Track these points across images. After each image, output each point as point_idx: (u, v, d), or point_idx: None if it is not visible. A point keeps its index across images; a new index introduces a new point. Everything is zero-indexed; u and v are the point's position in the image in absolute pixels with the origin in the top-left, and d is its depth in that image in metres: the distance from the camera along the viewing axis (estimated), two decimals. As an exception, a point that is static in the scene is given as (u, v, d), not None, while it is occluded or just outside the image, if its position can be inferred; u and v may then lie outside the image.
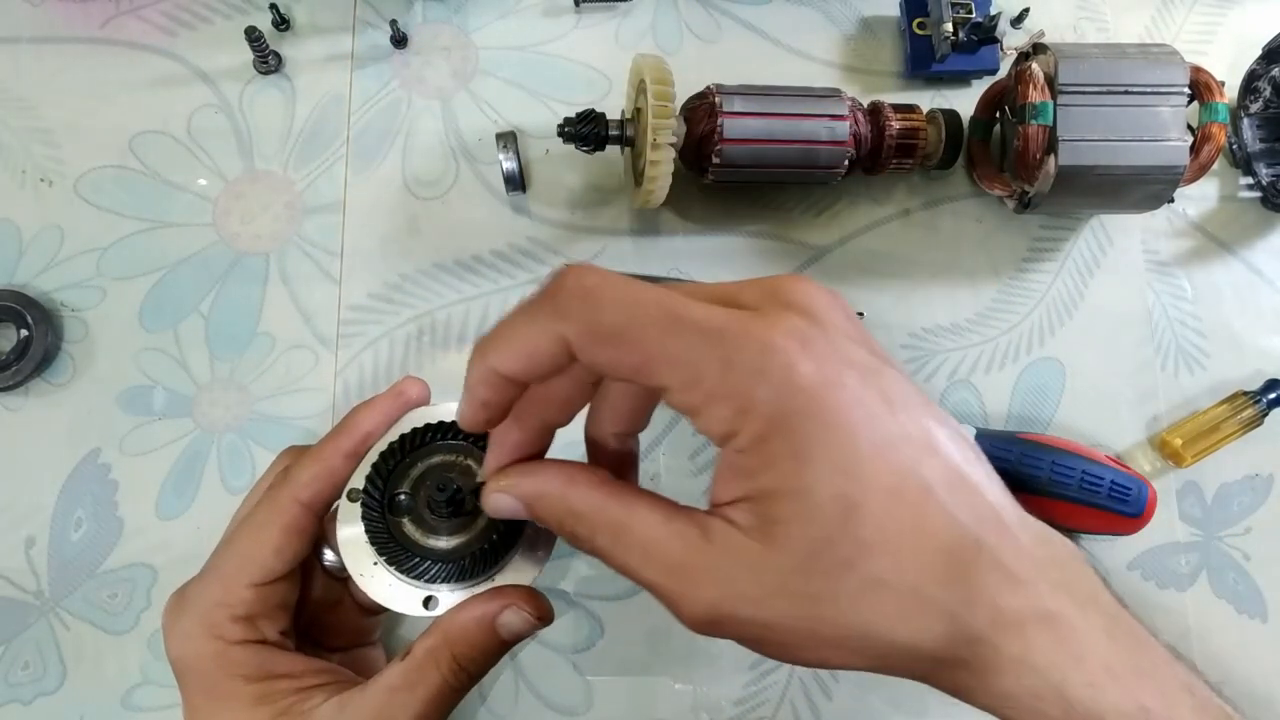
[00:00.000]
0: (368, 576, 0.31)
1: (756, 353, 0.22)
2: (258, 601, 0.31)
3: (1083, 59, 0.43)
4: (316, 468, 0.32)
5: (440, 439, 0.32)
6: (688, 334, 0.23)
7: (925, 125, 0.46)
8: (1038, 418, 0.47)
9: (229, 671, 0.30)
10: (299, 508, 0.32)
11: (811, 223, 0.49)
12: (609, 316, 0.23)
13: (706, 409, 0.23)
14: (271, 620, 0.31)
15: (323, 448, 0.32)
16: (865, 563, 0.23)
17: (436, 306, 0.46)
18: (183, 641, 0.31)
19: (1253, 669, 0.45)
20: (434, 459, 0.32)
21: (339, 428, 0.33)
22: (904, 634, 0.23)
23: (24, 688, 0.41)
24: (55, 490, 0.43)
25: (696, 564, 0.24)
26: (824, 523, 0.23)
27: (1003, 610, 0.23)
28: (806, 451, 0.22)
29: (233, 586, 0.31)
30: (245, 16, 0.48)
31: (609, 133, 0.43)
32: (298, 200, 0.47)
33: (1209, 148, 0.44)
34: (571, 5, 0.50)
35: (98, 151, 0.47)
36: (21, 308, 0.43)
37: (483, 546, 0.30)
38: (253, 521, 0.32)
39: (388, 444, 0.32)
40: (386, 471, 0.31)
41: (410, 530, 0.31)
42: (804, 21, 0.51)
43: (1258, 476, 0.47)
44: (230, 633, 0.30)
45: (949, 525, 0.23)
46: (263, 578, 0.31)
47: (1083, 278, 0.49)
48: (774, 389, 0.22)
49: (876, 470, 0.23)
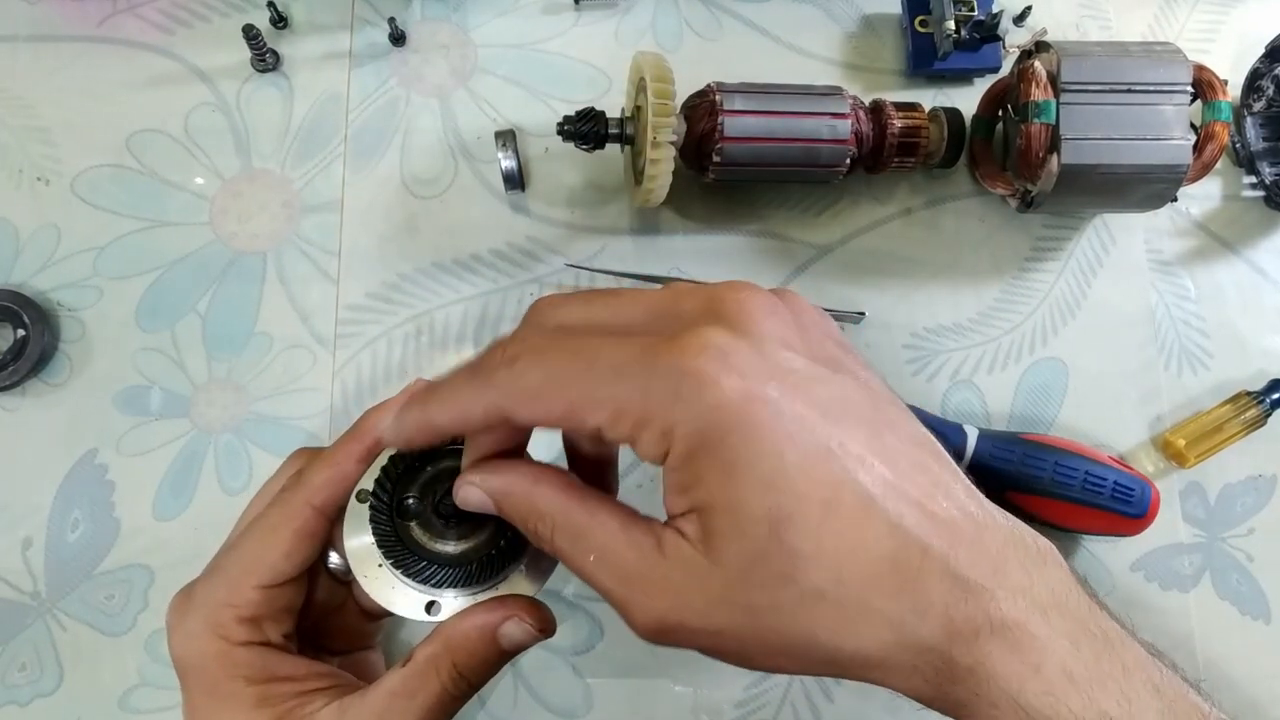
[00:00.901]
0: (372, 578, 0.31)
1: (671, 378, 0.23)
2: (264, 604, 0.31)
3: (1085, 57, 0.43)
4: (329, 471, 0.32)
5: (450, 444, 0.32)
6: (603, 376, 0.24)
7: (927, 124, 0.46)
8: (1040, 418, 0.47)
9: (231, 672, 0.30)
10: (311, 511, 0.31)
11: (813, 222, 0.48)
12: (528, 379, 0.25)
13: (638, 438, 0.24)
14: (276, 623, 0.31)
15: (335, 451, 0.32)
16: (803, 575, 0.23)
17: (435, 306, 0.46)
18: (186, 640, 0.31)
19: (1256, 670, 0.45)
20: (443, 463, 0.32)
21: (351, 431, 0.33)
22: (851, 643, 0.23)
23: (21, 689, 0.41)
24: (52, 491, 0.43)
25: (648, 573, 0.24)
26: (756, 536, 0.23)
27: (954, 619, 0.23)
28: (732, 466, 0.23)
29: (240, 588, 0.31)
30: (243, 14, 0.48)
31: (609, 131, 0.43)
32: (295, 199, 0.47)
33: (1212, 147, 0.44)
34: (571, 3, 0.50)
35: (94, 150, 0.46)
36: (18, 307, 0.43)
37: (489, 553, 0.30)
38: (264, 523, 0.32)
39: (390, 459, 0.32)
40: (396, 475, 0.31)
41: (417, 534, 0.31)
42: (805, 19, 0.51)
43: (1261, 477, 0.47)
44: (235, 634, 0.30)
45: (891, 533, 0.23)
46: (271, 580, 0.31)
47: (1085, 277, 0.49)
48: (691, 410, 0.23)
49: (808, 482, 0.23)
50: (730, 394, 0.22)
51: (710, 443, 0.23)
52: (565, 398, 0.24)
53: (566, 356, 0.24)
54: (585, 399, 0.24)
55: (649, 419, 0.23)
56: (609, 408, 0.24)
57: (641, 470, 0.45)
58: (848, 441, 0.23)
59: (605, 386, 0.24)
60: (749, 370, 0.23)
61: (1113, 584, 0.45)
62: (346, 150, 0.47)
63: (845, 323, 0.47)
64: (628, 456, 0.45)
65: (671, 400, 0.23)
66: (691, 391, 0.23)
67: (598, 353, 0.24)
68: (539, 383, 0.25)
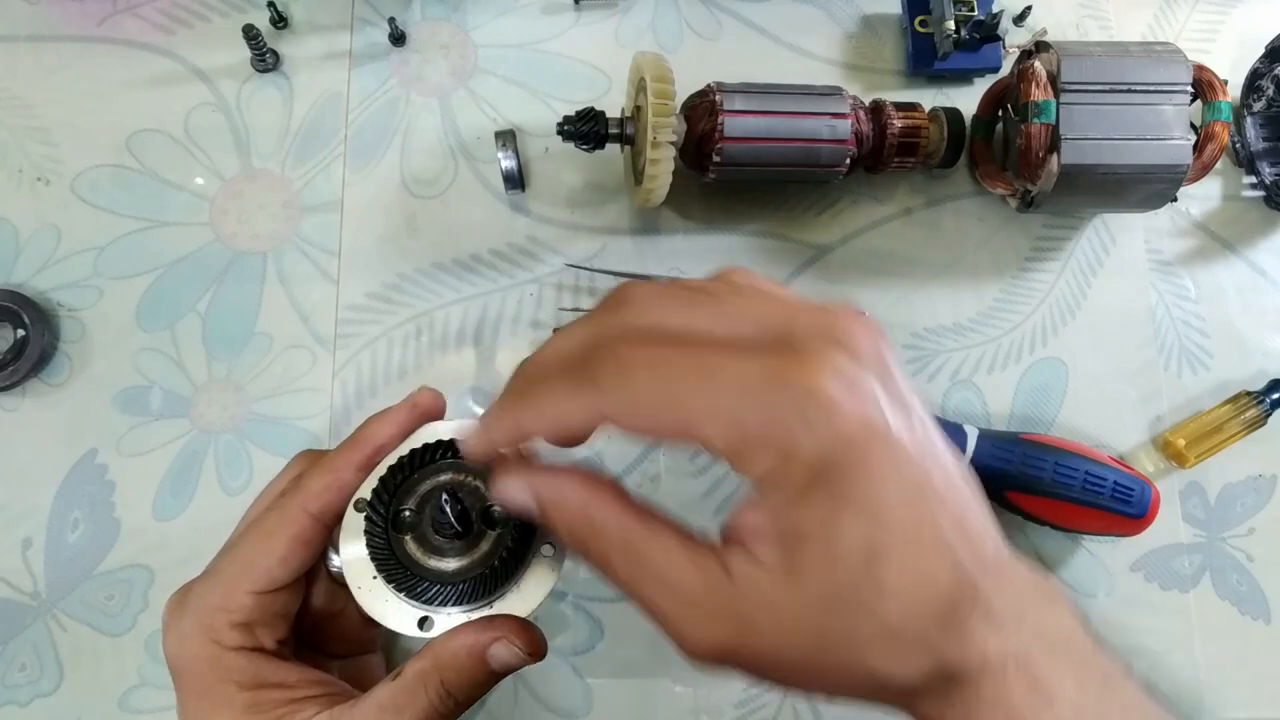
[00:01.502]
0: (365, 590, 0.30)
1: (799, 401, 0.23)
2: (258, 609, 0.31)
3: (1085, 57, 0.43)
4: (327, 479, 0.32)
5: (451, 457, 0.32)
6: (726, 393, 0.23)
7: (927, 124, 0.46)
8: (1040, 418, 0.47)
9: (223, 677, 0.30)
10: (308, 518, 0.31)
11: (813, 222, 0.48)
12: (643, 391, 0.24)
13: (747, 456, 0.23)
14: (270, 628, 0.31)
15: (335, 458, 0.32)
16: (882, 607, 0.23)
17: (435, 306, 0.46)
18: (179, 642, 0.31)
19: (1256, 670, 0.45)
20: (442, 476, 0.32)
21: (352, 439, 0.33)
22: (901, 674, 0.24)
23: (21, 689, 0.41)
24: (52, 491, 0.43)
25: (712, 597, 0.24)
26: (849, 567, 0.23)
27: (988, 655, 0.24)
28: (844, 497, 0.23)
29: (234, 592, 0.30)
30: (243, 14, 0.48)
31: (609, 131, 0.43)
32: (295, 199, 0.47)
33: (1212, 147, 0.44)
34: (571, 3, 0.50)
35: (95, 150, 0.46)
36: (18, 307, 0.43)
37: (482, 573, 0.30)
38: (260, 528, 0.32)
39: (397, 458, 0.32)
40: (393, 486, 0.31)
41: (412, 549, 0.31)
42: (805, 19, 0.51)
43: (1261, 477, 0.47)
44: (227, 638, 0.30)
45: (953, 569, 0.23)
46: (265, 586, 0.31)
47: (1085, 277, 0.49)
48: (816, 435, 0.23)
49: (902, 517, 0.23)
50: (855, 423, 0.23)
51: (827, 469, 0.23)
52: (683, 412, 0.23)
53: (686, 370, 0.24)
54: (704, 414, 0.23)
55: (768, 439, 0.23)
56: (727, 425, 0.23)
57: (640, 472, 0.45)
58: (933, 479, 0.24)
59: (727, 404, 0.23)
60: (871, 401, 0.23)
61: (1113, 584, 0.45)
62: (346, 150, 0.47)
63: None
64: (623, 459, 0.45)
65: (796, 423, 0.23)
66: (818, 416, 0.22)
67: (721, 368, 0.23)
68: (656, 395, 0.24)
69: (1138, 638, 0.45)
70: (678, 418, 0.24)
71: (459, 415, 0.45)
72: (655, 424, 0.24)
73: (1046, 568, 0.45)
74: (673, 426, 0.24)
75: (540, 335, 0.46)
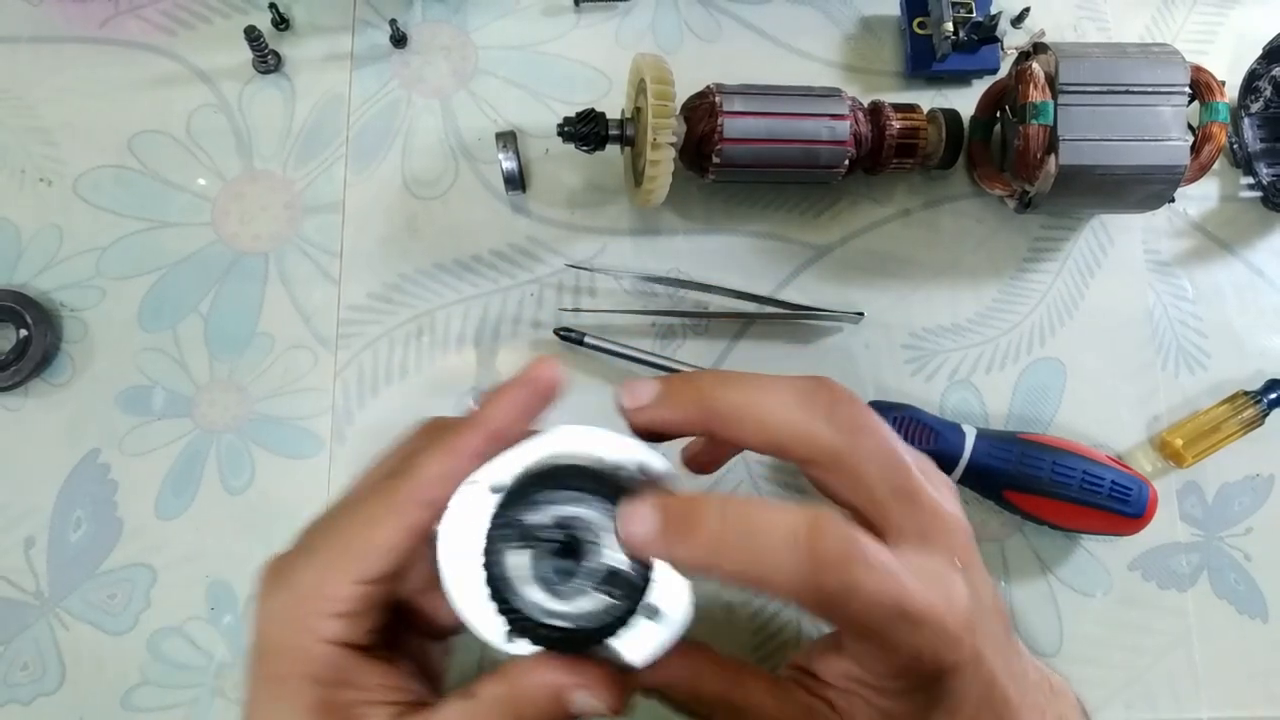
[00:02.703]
0: (457, 585, 0.28)
1: (938, 646, 0.25)
2: (358, 599, 0.28)
3: (1083, 58, 0.43)
4: (446, 466, 0.29)
5: (592, 485, 0.28)
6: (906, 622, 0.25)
7: (926, 125, 0.46)
8: (1038, 418, 0.47)
9: (302, 668, 0.28)
10: (419, 508, 0.29)
11: (812, 222, 0.49)
12: (860, 600, 0.25)
13: (882, 690, 0.27)
14: (365, 619, 0.29)
15: (455, 441, 0.29)
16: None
17: (436, 306, 0.46)
18: (269, 620, 0.28)
19: (1253, 669, 0.45)
20: (571, 509, 0.28)
21: (473, 421, 0.29)
22: None
23: (23, 688, 0.41)
24: (54, 490, 0.43)
25: None
26: None
27: None
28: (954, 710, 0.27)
29: (335, 578, 0.28)
30: (244, 16, 0.48)
31: (609, 132, 0.43)
32: (297, 200, 0.47)
33: (1210, 147, 0.44)
34: (571, 4, 0.50)
35: (97, 151, 0.47)
36: (21, 308, 0.43)
37: (583, 632, 0.27)
38: (365, 512, 0.29)
39: (527, 470, 0.28)
40: (521, 501, 0.28)
41: (521, 572, 0.27)
42: (804, 21, 0.51)
43: (1258, 477, 0.47)
44: (322, 628, 0.28)
45: (1008, 685, 0.28)
46: (368, 575, 0.28)
47: (1083, 278, 0.49)
48: (954, 685, 0.26)
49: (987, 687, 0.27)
50: (979, 661, 0.26)
51: (943, 698, 0.26)
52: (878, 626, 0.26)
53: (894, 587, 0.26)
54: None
55: (908, 674, 0.26)
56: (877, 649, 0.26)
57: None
58: (996, 638, 0.28)
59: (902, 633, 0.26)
60: (983, 631, 0.27)
61: (1110, 583, 0.45)
62: (348, 151, 0.48)
63: (845, 323, 0.47)
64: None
65: (936, 674, 0.26)
66: (955, 665, 0.26)
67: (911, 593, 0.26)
68: (872, 610, 0.26)
69: (1136, 637, 0.45)
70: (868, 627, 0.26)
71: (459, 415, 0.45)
72: (843, 621, 0.26)
73: (1044, 567, 0.45)
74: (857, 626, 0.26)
75: (540, 335, 0.46)
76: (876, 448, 0.27)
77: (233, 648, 0.42)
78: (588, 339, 0.45)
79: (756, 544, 0.24)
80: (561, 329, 0.45)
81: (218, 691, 0.42)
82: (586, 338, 0.45)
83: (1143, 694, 0.45)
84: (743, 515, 0.25)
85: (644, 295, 0.47)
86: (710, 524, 0.25)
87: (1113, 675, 0.45)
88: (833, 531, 0.24)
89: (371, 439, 0.44)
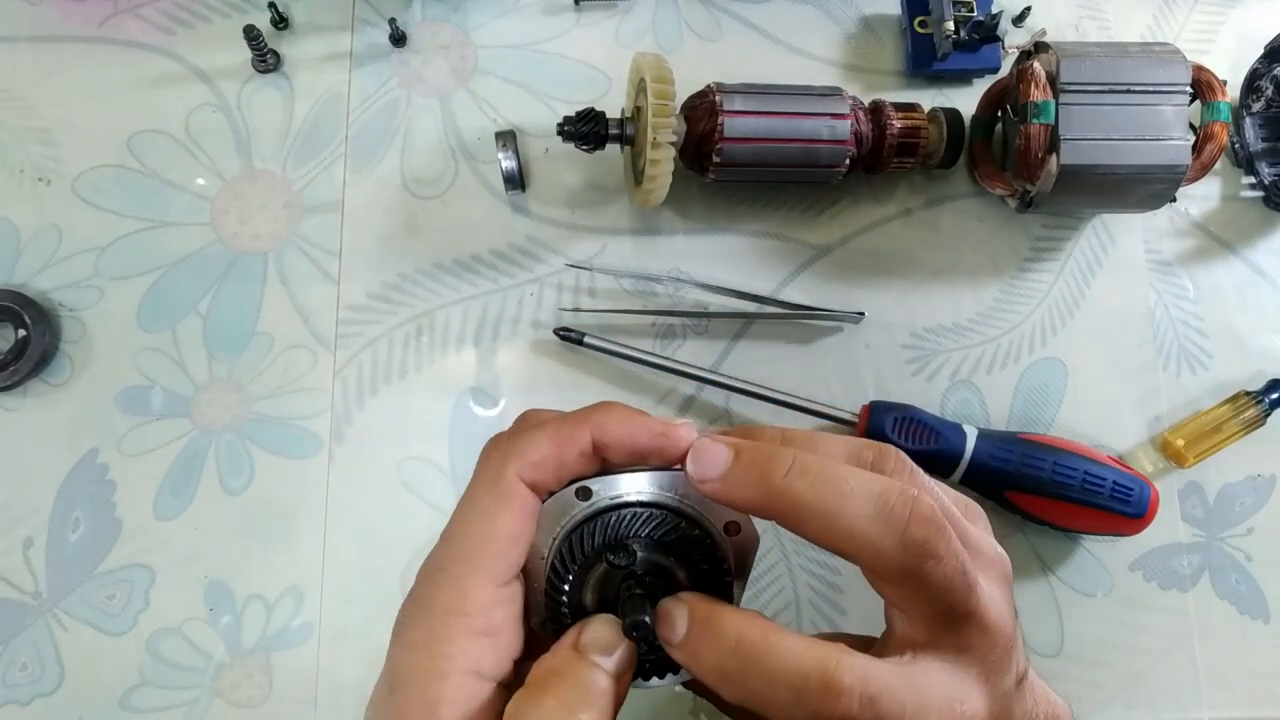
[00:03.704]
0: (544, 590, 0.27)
1: None
2: (497, 608, 0.26)
3: (1085, 58, 0.43)
4: (549, 451, 0.27)
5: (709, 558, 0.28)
6: None
7: (927, 124, 0.46)
8: (1039, 418, 0.47)
9: (428, 711, 0.24)
10: (525, 489, 0.26)
11: (812, 222, 0.48)
12: None
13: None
14: (505, 645, 0.26)
15: (558, 432, 0.27)
16: None
17: (436, 306, 0.46)
18: (404, 651, 0.25)
19: (1254, 669, 0.45)
20: (657, 556, 0.27)
21: (582, 418, 0.27)
22: None
23: (22, 689, 0.41)
24: (53, 491, 0.43)
25: None
26: None
27: None
28: None
29: (468, 588, 0.25)
30: (244, 15, 0.48)
31: (609, 131, 0.43)
32: (296, 200, 0.47)
33: (1211, 147, 0.44)
34: (571, 3, 0.50)
35: (96, 151, 0.46)
36: (19, 307, 0.43)
37: None
38: (478, 508, 0.26)
39: (636, 517, 0.27)
40: (640, 537, 0.27)
41: (602, 594, 0.28)
42: (805, 20, 0.51)
43: (1260, 477, 0.47)
44: (457, 657, 0.25)
45: None
46: (501, 572, 0.26)
47: (1084, 277, 0.49)
48: None
49: None
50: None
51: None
52: None
53: None
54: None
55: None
56: None
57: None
58: None
59: None
60: None
61: (1112, 583, 0.45)
62: (347, 151, 0.47)
63: (845, 322, 0.47)
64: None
65: None
66: None
67: None
68: None
69: (1137, 637, 0.45)
70: None
71: (459, 415, 0.45)
72: None
73: (1045, 567, 0.45)
74: None
75: (540, 335, 0.46)
76: (943, 577, 0.25)
77: (231, 648, 0.42)
78: (588, 339, 0.45)
79: None
80: (561, 329, 0.45)
81: (216, 692, 0.42)
82: (586, 338, 0.45)
83: (1144, 694, 0.44)
84: None
85: (644, 295, 0.47)
86: None
87: (1113, 676, 0.45)
88: None
89: (371, 439, 0.44)
